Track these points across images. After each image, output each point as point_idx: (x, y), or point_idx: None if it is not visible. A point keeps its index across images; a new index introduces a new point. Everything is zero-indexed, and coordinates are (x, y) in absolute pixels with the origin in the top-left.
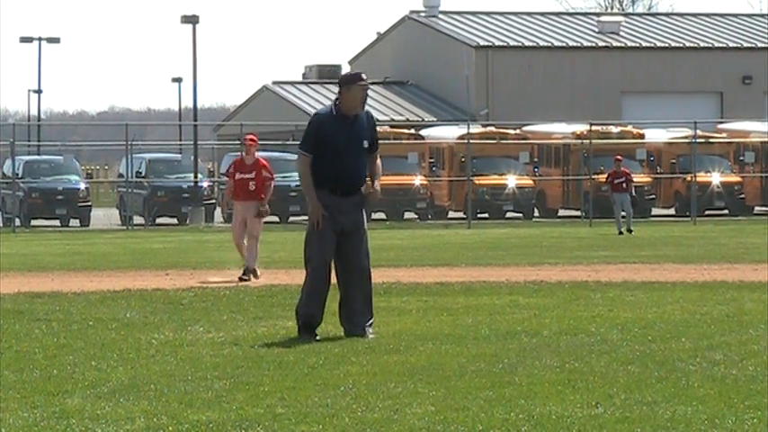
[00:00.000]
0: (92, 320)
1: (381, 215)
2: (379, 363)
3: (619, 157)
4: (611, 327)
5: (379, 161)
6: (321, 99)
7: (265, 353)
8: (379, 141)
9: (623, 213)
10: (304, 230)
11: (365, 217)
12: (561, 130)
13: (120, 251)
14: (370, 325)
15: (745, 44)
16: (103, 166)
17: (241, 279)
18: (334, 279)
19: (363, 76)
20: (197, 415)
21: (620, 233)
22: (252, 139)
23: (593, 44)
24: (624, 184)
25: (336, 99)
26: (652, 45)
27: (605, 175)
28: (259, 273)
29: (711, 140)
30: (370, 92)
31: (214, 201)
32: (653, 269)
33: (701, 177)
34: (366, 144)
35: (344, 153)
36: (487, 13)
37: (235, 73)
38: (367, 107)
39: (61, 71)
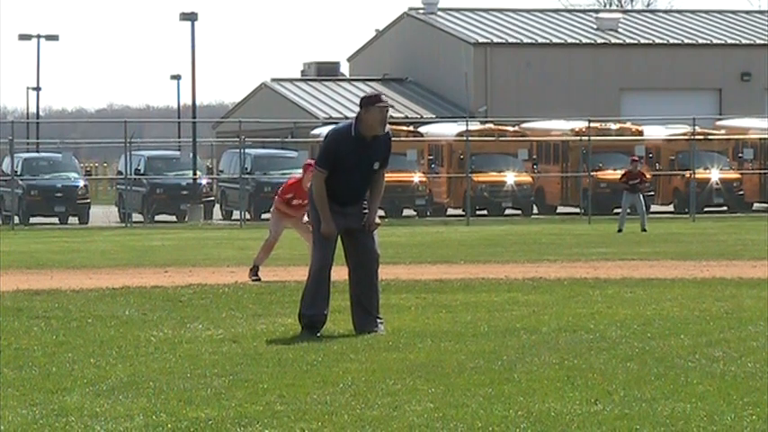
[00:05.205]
0: (91, 318)
1: (380, 212)
2: (378, 360)
3: (635, 157)
4: (609, 324)
5: (382, 179)
6: (320, 96)
7: (264, 350)
8: None
9: (629, 211)
10: None
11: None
12: (560, 126)
13: (119, 248)
14: (382, 322)
15: (744, 41)
16: (102, 163)
17: (257, 279)
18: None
19: (383, 97)
20: (196, 412)
21: (620, 231)
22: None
23: (592, 41)
24: (639, 185)
25: (357, 118)
26: (651, 42)
27: (621, 174)
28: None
29: (710, 137)
30: (368, 90)
31: (213, 198)
32: (652, 266)
33: (700, 174)
34: (376, 166)
35: (353, 171)
36: (486, 10)
37: (233, 70)
38: None
39: (60, 68)
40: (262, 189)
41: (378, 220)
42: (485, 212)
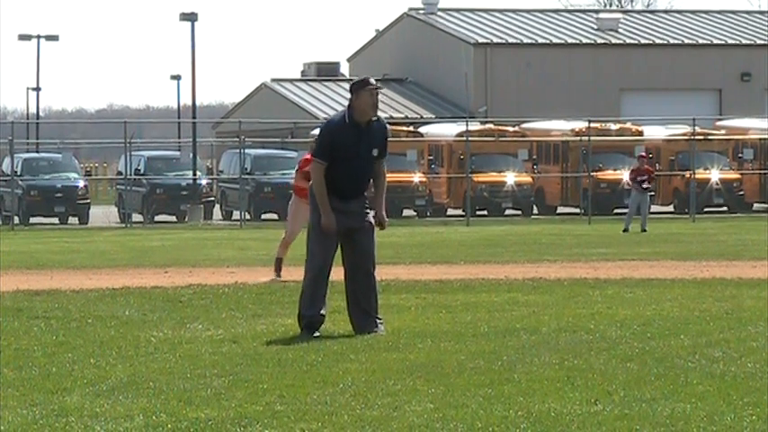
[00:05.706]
0: (91, 318)
1: None
2: (378, 360)
3: (643, 154)
4: (609, 324)
5: (384, 174)
6: (320, 96)
7: (264, 350)
8: None
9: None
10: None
11: (372, 219)
12: (560, 127)
13: (119, 249)
14: (382, 322)
15: (744, 41)
16: (102, 163)
17: (279, 276)
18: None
19: (372, 80)
20: (196, 412)
21: (626, 231)
22: None
23: (592, 41)
24: (646, 183)
25: (349, 106)
26: (651, 42)
27: (630, 171)
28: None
29: (710, 137)
30: None
31: (213, 198)
32: (652, 266)
33: (700, 174)
34: (375, 153)
35: (353, 159)
36: (486, 11)
37: (233, 70)
38: None
39: (60, 69)
40: (262, 189)
41: (383, 217)
42: (485, 213)
